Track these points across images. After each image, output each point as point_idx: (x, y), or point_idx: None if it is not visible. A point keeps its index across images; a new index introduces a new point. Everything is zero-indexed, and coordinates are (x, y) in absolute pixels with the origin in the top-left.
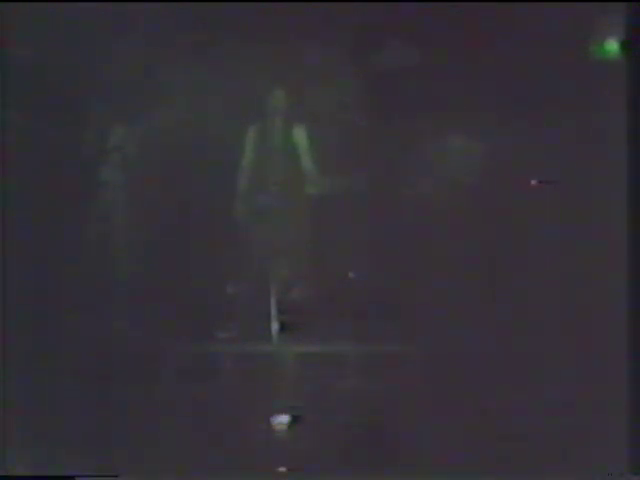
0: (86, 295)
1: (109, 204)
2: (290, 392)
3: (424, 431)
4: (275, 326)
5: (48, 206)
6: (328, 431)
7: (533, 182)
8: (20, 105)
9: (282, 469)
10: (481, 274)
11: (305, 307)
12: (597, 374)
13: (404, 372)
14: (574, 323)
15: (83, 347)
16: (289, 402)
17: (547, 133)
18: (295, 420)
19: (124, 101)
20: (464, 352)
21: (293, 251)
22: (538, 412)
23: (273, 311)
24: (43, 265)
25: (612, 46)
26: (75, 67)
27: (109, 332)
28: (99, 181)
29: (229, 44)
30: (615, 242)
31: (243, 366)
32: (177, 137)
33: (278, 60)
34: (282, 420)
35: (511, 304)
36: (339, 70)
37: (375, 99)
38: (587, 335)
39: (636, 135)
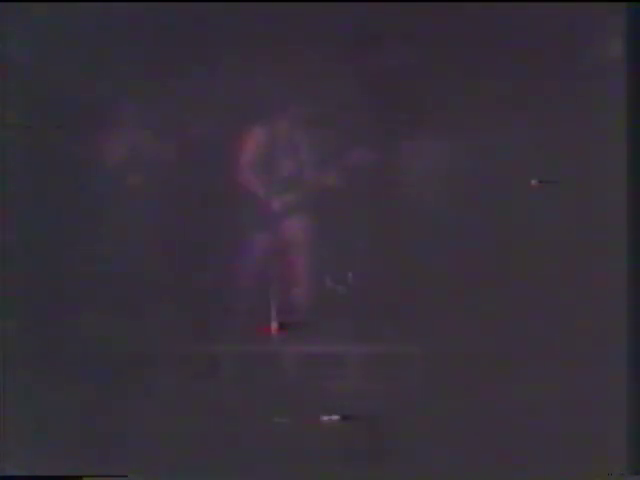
0: (88, 294)
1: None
2: (290, 392)
3: (424, 431)
4: (275, 326)
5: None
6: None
7: (533, 182)
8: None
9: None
10: (481, 274)
11: (305, 307)
12: (597, 375)
13: (404, 372)
14: (574, 324)
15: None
16: (288, 402)
17: (547, 133)
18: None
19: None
20: (463, 352)
21: (293, 251)
22: (538, 412)
23: (273, 311)
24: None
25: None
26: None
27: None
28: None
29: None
30: (615, 242)
31: (242, 366)
32: (178, 137)
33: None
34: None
35: (510, 304)
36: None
37: (375, 98)
38: (587, 336)
39: (636, 135)
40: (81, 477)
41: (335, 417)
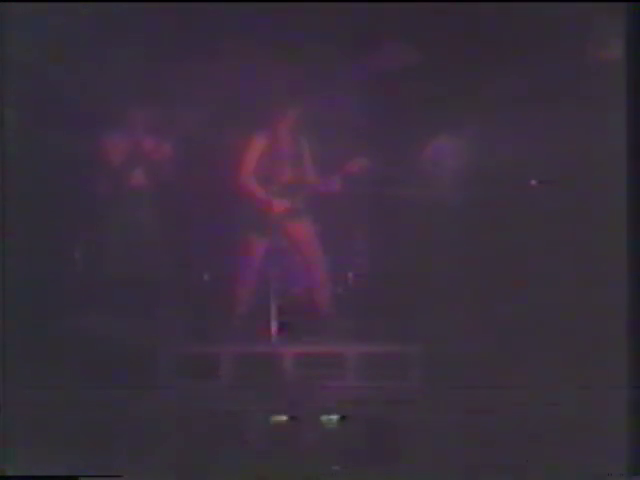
0: (85, 294)
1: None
2: (289, 392)
3: (423, 430)
4: (275, 326)
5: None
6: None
7: (533, 182)
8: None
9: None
10: (481, 273)
11: (305, 307)
12: (597, 375)
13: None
14: (574, 325)
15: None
16: (288, 402)
17: (547, 133)
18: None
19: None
20: (463, 352)
21: (294, 252)
22: (538, 413)
23: (273, 311)
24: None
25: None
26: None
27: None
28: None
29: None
30: (615, 243)
31: (242, 366)
32: (187, 141)
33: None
34: (331, 418)
35: (511, 305)
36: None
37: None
38: (587, 336)
39: (636, 135)
40: (78, 477)
41: (334, 417)
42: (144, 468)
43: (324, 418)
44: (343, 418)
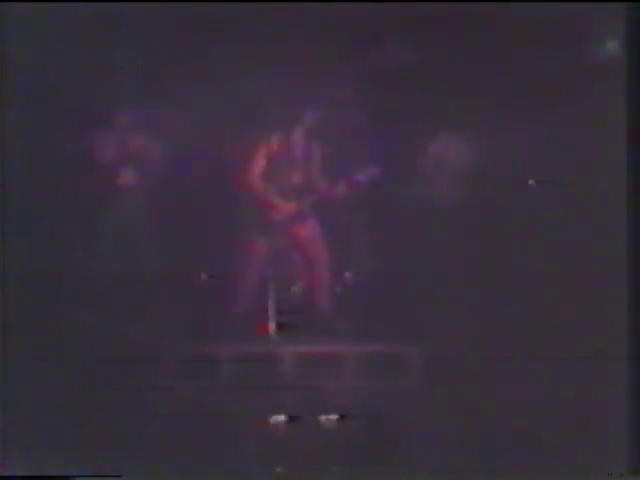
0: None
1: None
2: (288, 392)
3: (423, 430)
4: (273, 326)
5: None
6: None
7: (531, 182)
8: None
9: (279, 469)
10: (481, 274)
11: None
12: (597, 376)
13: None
14: (574, 327)
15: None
16: (287, 402)
17: (547, 133)
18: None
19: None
20: (463, 352)
21: (296, 252)
22: (538, 413)
23: (272, 311)
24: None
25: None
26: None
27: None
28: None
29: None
30: (615, 243)
31: (242, 366)
32: (194, 143)
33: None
34: (279, 419)
35: (511, 305)
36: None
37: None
38: (587, 338)
39: (636, 135)
40: (77, 477)
41: (333, 416)
42: (144, 468)
43: (323, 418)
44: (342, 417)
